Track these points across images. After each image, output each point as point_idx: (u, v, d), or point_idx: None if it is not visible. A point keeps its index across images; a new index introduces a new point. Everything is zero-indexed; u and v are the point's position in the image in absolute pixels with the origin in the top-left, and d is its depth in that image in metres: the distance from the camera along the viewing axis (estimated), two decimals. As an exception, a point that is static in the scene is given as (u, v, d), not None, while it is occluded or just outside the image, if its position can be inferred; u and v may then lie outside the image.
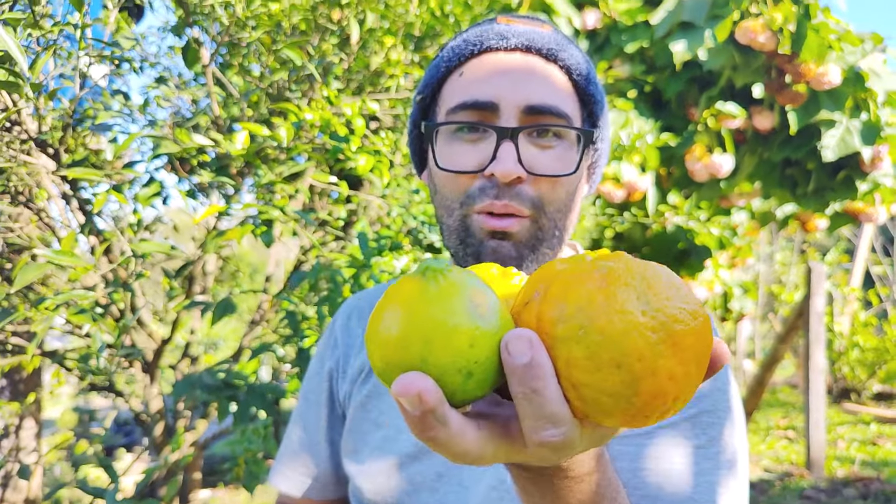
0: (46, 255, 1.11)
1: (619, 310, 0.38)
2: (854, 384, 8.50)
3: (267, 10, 1.33)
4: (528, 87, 0.75)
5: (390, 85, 1.78)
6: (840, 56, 3.95)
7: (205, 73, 1.45)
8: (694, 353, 0.39)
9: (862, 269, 9.42)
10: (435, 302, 0.38)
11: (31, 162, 1.39)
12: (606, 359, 0.37)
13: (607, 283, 0.39)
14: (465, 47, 0.79)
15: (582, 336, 0.38)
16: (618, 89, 4.02)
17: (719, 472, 0.73)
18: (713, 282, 5.54)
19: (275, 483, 0.97)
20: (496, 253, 0.75)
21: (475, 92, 0.76)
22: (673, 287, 0.39)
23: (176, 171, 1.58)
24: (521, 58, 0.77)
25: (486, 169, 0.74)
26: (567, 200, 0.79)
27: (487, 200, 0.75)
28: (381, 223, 1.97)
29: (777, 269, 14.14)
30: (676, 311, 0.38)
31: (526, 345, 0.38)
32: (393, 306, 0.40)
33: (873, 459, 5.72)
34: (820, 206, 4.74)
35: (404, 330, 0.39)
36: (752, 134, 4.54)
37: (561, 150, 0.77)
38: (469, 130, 0.77)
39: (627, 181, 3.57)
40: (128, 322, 1.26)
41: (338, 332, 0.97)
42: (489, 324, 0.39)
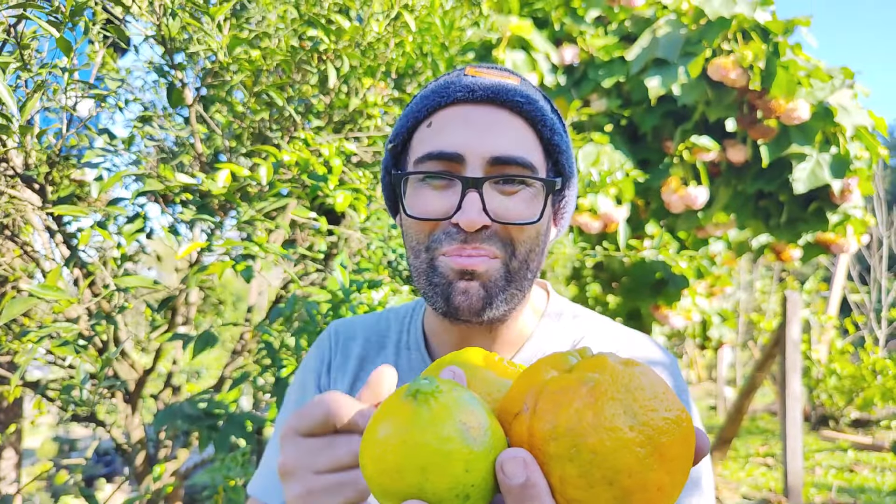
0: (32, 289, 1.15)
1: (608, 427, 0.40)
2: (832, 411, 8.60)
3: (248, 56, 1.39)
4: (493, 139, 0.78)
5: (368, 125, 1.85)
6: (810, 92, 4.08)
7: (189, 112, 1.51)
8: (680, 461, 0.42)
9: (839, 297, 9.57)
10: (428, 428, 0.40)
11: (17, 197, 1.43)
12: (598, 476, 0.40)
13: (595, 398, 0.41)
14: (432, 98, 0.82)
15: (574, 454, 0.40)
16: (595, 123, 4.12)
17: (686, 492, 0.78)
18: (690, 310, 5.62)
19: (254, 492, 0.96)
20: (466, 295, 0.77)
21: (441, 143, 0.79)
22: (657, 397, 0.42)
23: (161, 207, 1.63)
24: (486, 110, 0.80)
25: (453, 217, 0.77)
26: (536, 242, 0.82)
27: (455, 245, 0.77)
28: (360, 255, 2.02)
29: (757, 298, 14.31)
30: (662, 423, 0.41)
31: (521, 466, 0.41)
32: (387, 433, 0.42)
33: (850, 486, 5.78)
34: (792, 236, 4.86)
35: (400, 458, 0.40)
36: (726, 166, 4.66)
37: (527, 195, 0.80)
38: (436, 177, 0.79)
39: (604, 213, 3.66)
40: (111, 355, 1.29)
41: (334, 350, 0.99)
42: (482, 445, 0.41)
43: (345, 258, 1.65)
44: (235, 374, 1.96)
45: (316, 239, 2.21)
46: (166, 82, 1.59)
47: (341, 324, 1.04)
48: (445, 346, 0.91)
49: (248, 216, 1.29)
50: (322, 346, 1.02)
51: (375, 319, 1.03)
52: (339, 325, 1.04)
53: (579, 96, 4.16)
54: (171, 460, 2.13)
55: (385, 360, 0.96)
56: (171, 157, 1.60)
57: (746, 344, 12.84)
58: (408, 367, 0.93)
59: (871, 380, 8.04)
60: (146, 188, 1.27)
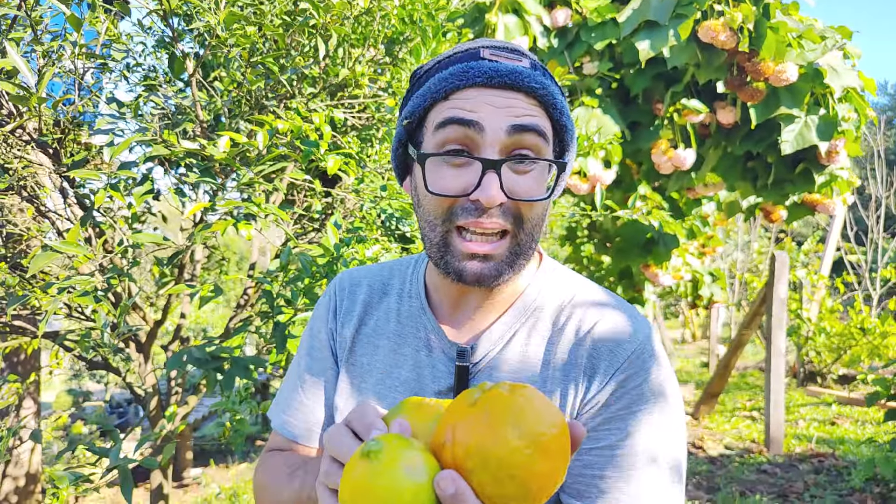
0: (55, 244, 1.28)
1: (503, 440, 0.57)
2: (820, 368, 8.82)
3: (244, 31, 1.50)
4: (510, 113, 0.86)
5: (358, 93, 1.96)
6: (800, 53, 4.12)
7: (190, 82, 1.62)
8: (558, 453, 0.59)
9: (831, 257, 9.71)
10: (382, 474, 0.58)
11: (33, 161, 1.55)
12: (503, 475, 0.57)
13: (491, 423, 0.58)
14: (451, 81, 0.88)
15: (484, 465, 0.57)
16: (586, 86, 4.20)
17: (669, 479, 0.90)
18: (680, 269, 5.77)
19: (279, 428, 1.08)
20: (477, 275, 0.87)
21: (461, 112, 0.86)
22: (536, 411, 0.59)
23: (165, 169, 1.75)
24: (504, 93, 0.87)
25: (472, 194, 0.85)
26: (541, 217, 0.91)
27: (471, 219, 0.85)
28: (354, 216, 2.15)
29: (754, 258, 14.43)
30: (540, 429, 0.58)
31: (450, 481, 0.57)
32: (353, 481, 0.59)
33: (830, 437, 6.00)
34: (780, 197, 4.96)
35: (366, 499, 0.58)
36: (715, 128, 4.74)
37: (536, 173, 0.88)
38: (455, 155, 0.86)
39: (592, 175, 3.77)
40: (128, 302, 1.43)
41: (339, 296, 1.10)
42: (422, 475, 0.59)
43: (339, 218, 1.78)
44: (236, 325, 2.11)
45: (313, 200, 2.33)
46: (168, 53, 1.69)
47: (348, 274, 1.15)
48: (444, 298, 1.01)
49: (248, 179, 1.41)
50: (330, 294, 1.13)
51: (379, 269, 1.14)
52: (345, 275, 1.15)
53: (571, 59, 4.22)
54: (182, 405, 2.30)
55: (387, 306, 1.07)
56: (175, 124, 1.72)
57: (741, 303, 13.02)
58: (408, 313, 1.04)
59: (860, 338, 8.24)
60: (153, 153, 1.39)
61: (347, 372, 1.05)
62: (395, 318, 1.06)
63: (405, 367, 1.01)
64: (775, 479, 4.93)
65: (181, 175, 2.09)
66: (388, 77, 2.10)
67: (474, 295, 0.98)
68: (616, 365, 0.91)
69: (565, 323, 0.97)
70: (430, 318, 1.01)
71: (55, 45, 1.38)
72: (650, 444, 0.89)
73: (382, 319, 1.07)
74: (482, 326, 0.99)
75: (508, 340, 0.97)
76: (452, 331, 1.00)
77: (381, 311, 1.08)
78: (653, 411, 0.90)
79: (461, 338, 0.99)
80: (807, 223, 20.03)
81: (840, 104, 4.39)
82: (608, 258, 5.93)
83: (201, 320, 9.08)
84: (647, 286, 6.07)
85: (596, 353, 0.92)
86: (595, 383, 0.91)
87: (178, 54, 1.56)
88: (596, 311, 0.98)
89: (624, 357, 0.91)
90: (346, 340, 1.07)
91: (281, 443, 1.10)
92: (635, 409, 0.89)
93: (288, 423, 1.08)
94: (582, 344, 0.94)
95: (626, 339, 0.93)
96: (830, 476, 4.93)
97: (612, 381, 0.90)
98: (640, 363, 0.92)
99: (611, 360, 0.91)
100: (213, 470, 6.25)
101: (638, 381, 0.91)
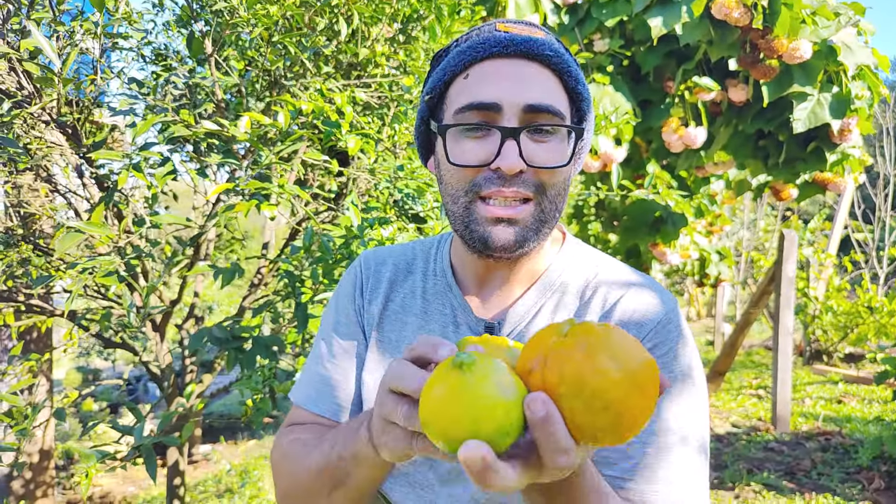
0: (79, 225, 1.29)
1: (601, 371, 0.56)
2: (826, 346, 8.83)
3: (266, 10, 1.49)
4: (526, 89, 0.88)
5: (376, 73, 1.95)
6: (814, 30, 4.08)
7: (208, 61, 1.62)
8: (651, 391, 0.58)
9: (839, 235, 9.68)
10: (475, 388, 0.57)
11: (54, 142, 1.55)
12: (597, 405, 0.56)
13: (588, 353, 0.57)
14: (469, 53, 0.91)
15: (578, 392, 0.56)
16: (597, 63, 4.16)
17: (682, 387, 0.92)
18: (688, 248, 5.76)
19: (299, 401, 1.09)
20: (503, 240, 0.88)
21: (480, 94, 0.88)
22: (632, 349, 0.59)
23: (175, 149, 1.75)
24: (519, 63, 0.90)
25: (493, 163, 0.87)
26: (564, 185, 0.93)
27: (494, 188, 0.87)
28: (368, 195, 2.15)
29: (760, 236, 14.39)
30: (636, 366, 0.57)
31: (541, 404, 0.56)
32: (443, 394, 0.58)
33: (837, 416, 6.03)
34: (791, 176, 4.93)
35: (457, 412, 0.57)
36: (727, 106, 4.71)
37: (555, 143, 0.89)
38: (475, 129, 0.88)
39: (603, 153, 3.75)
40: (154, 282, 1.44)
41: (365, 274, 1.11)
42: (513, 396, 0.58)
43: (355, 197, 1.79)
44: (255, 305, 2.12)
45: (326, 179, 2.33)
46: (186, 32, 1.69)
47: (372, 253, 1.17)
48: (470, 274, 1.02)
49: (269, 160, 1.41)
50: (355, 272, 1.14)
51: (402, 249, 1.16)
52: (370, 254, 1.17)
53: (582, 36, 4.18)
54: (198, 384, 2.32)
55: (412, 285, 1.08)
56: (195, 105, 1.72)
57: (746, 282, 13.02)
58: (434, 291, 1.06)
59: (867, 316, 8.23)
60: (174, 133, 1.39)
61: (375, 347, 1.07)
62: (421, 296, 1.07)
63: None
64: (782, 456, 4.96)
65: (195, 154, 2.09)
66: (403, 55, 2.09)
67: (499, 271, 1.00)
68: (643, 334, 0.94)
69: (591, 297, 0.99)
70: (457, 295, 1.02)
71: (76, 26, 1.37)
72: (681, 422, 0.90)
73: (409, 297, 1.08)
74: (508, 302, 1.01)
75: (535, 315, 0.99)
76: (478, 307, 1.02)
77: (406, 289, 1.09)
78: (682, 391, 0.92)
79: (487, 314, 1.01)
80: (813, 201, 19.94)
81: (853, 82, 4.35)
82: (615, 236, 5.92)
83: (207, 298, 9.13)
84: (654, 264, 6.08)
85: (623, 325, 0.94)
86: None
87: (198, 34, 1.55)
88: (622, 285, 1.00)
89: (650, 327, 0.94)
90: (373, 317, 1.08)
91: (303, 417, 1.10)
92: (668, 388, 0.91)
93: (316, 400, 1.08)
94: (609, 317, 0.96)
95: (652, 311, 0.96)
96: (837, 454, 4.96)
97: None
98: (667, 333, 0.94)
99: (638, 331, 0.94)
100: (222, 446, 6.33)
101: (664, 350, 0.93)
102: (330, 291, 1.64)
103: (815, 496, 4.13)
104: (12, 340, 3.94)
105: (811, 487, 4.32)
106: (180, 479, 2.68)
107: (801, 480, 4.46)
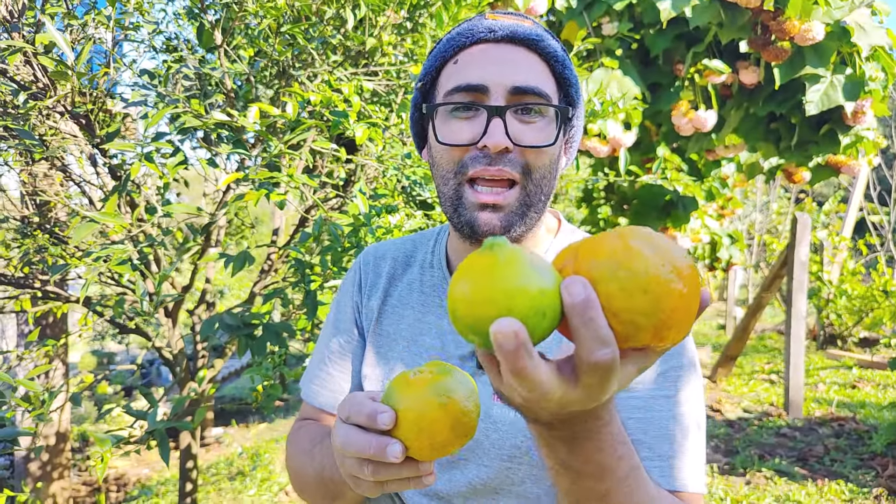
0: (94, 215, 1.32)
1: (637, 253, 0.52)
2: (840, 331, 8.79)
3: (274, 3, 1.51)
4: (512, 72, 0.90)
5: (383, 62, 1.96)
6: (826, 11, 4.03)
7: (217, 52, 1.64)
8: (692, 286, 0.53)
9: (854, 218, 9.59)
10: (508, 266, 0.52)
11: (68, 133, 1.58)
12: (635, 288, 0.51)
13: (622, 238, 0.53)
14: (458, 39, 0.94)
15: (614, 275, 0.51)
16: (605, 47, 4.14)
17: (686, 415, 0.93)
18: (699, 232, 5.74)
19: (307, 398, 1.14)
20: (488, 224, 0.90)
21: (468, 76, 0.91)
22: (669, 243, 0.55)
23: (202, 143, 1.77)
24: (506, 47, 0.92)
25: (479, 142, 0.89)
26: (550, 168, 0.94)
27: (480, 167, 0.89)
28: (376, 182, 2.17)
29: (773, 219, 14.29)
30: (676, 256, 0.53)
31: (580, 286, 0.51)
32: (473, 275, 0.53)
33: (851, 401, 6.01)
34: (803, 158, 4.90)
35: (489, 290, 0.51)
36: (738, 88, 4.67)
37: (542, 124, 0.91)
38: (463, 109, 0.91)
39: (612, 137, 3.74)
40: (167, 271, 1.48)
41: (364, 270, 1.15)
42: (550, 277, 0.53)
43: (363, 185, 1.81)
44: (266, 291, 2.15)
45: (335, 167, 2.35)
46: (196, 23, 1.71)
47: (373, 248, 1.20)
48: None
49: (279, 150, 1.44)
50: (356, 269, 1.17)
51: (402, 242, 1.18)
52: (370, 250, 1.20)
53: (591, 19, 4.16)
54: (210, 368, 2.36)
55: (410, 278, 1.11)
56: (205, 95, 1.74)
57: (759, 265, 12.95)
58: (430, 283, 1.08)
59: (882, 300, 8.18)
60: (186, 124, 1.42)
61: (374, 341, 1.10)
62: (419, 289, 1.10)
63: (429, 335, 1.05)
64: (795, 442, 4.97)
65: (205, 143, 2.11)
66: (410, 43, 2.09)
67: None
68: None
69: None
70: None
71: (89, 19, 1.39)
72: (692, 407, 0.94)
73: (406, 290, 1.11)
74: None
75: None
76: None
77: (404, 283, 1.12)
78: (690, 379, 0.95)
79: None
80: (828, 183, 19.73)
81: (867, 63, 4.30)
82: (625, 220, 5.91)
83: (218, 282, 9.22)
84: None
85: None
86: None
87: (207, 25, 1.57)
88: None
89: None
90: (372, 311, 1.11)
91: (310, 412, 1.15)
92: (679, 374, 0.94)
93: (316, 393, 1.13)
94: None
95: None
96: (851, 440, 4.96)
97: None
98: None
99: None
100: (234, 430, 6.41)
101: None
102: (338, 279, 1.67)
103: (828, 482, 4.13)
104: (29, 325, 4.01)
105: (824, 474, 4.32)
106: (193, 462, 2.74)
107: (813, 467, 4.46)
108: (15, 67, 1.53)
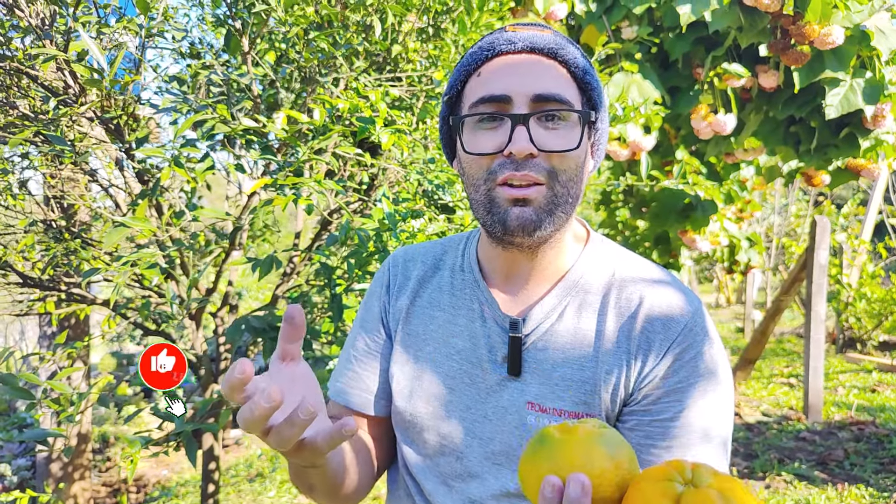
0: (124, 220, 1.35)
1: None
2: (860, 334, 8.70)
3: (303, 12, 1.53)
4: (534, 80, 0.93)
5: (408, 69, 1.98)
6: (846, 15, 4.01)
7: (245, 59, 1.66)
8: None
9: (873, 221, 9.49)
10: None
11: (98, 139, 1.61)
12: None
13: None
14: (480, 53, 0.98)
15: None
16: (625, 51, 4.14)
17: None
18: (718, 235, 5.71)
19: (334, 396, 1.15)
20: (519, 218, 0.92)
21: (491, 88, 0.94)
22: None
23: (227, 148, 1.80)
24: (527, 57, 0.95)
25: (505, 149, 0.91)
26: (576, 171, 0.96)
27: (507, 173, 0.91)
28: (399, 186, 2.19)
29: (791, 222, 14.16)
30: None
31: None
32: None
33: (871, 405, 5.95)
34: (823, 162, 4.86)
35: None
36: (757, 92, 4.65)
37: (565, 129, 0.93)
38: (488, 120, 0.94)
39: (632, 141, 3.74)
40: (197, 276, 1.50)
41: (393, 272, 1.17)
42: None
43: (386, 189, 1.82)
44: (290, 294, 2.18)
45: (357, 170, 2.37)
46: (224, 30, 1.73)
47: (402, 251, 1.22)
48: (496, 270, 1.06)
49: (307, 156, 1.46)
50: (385, 270, 1.19)
51: (432, 245, 1.20)
52: (400, 252, 1.22)
53: (610, 24, 4.16)
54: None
55: (440, 280, 1.13)
56: (230, 100, 1.77)
57: (777, 268, 12.84)
58: (461, 286, 1.09)
59: (902, 303, 8.10)
60: (215, 130, 1.44)
61: (403, 342, 1.11)
62: (449, 291, 1.11)
63: (461, 337, 1.06)
64: (814, 446, 4.93)
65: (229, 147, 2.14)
66: (433, 49, 2.11)
67: (523, 264, 1.03)
68: (671, 338, 0.95)
69: (615, 298, 1.01)
70: (484, 290, 1.06)
71: (120, 27, 1.42)
72: (705, 420, 0.93)
73: (436, 292, 1.12)
74: (533, 299, 1.03)
75: (560, 314, 1.01)
76: (505, 303, 1.05)
77: (434, 285, 1.13)
78: (706, 389, 0.94)
79: (513, 310, 1.04)
80: (847, 186, 19.52)
81: (887, 67, 4.27)
82: (644, 223, 5.89)
83: (237, 284, 9.29)
84: (683, 251, 6.03)
85: (650, 327, 0.96)
86: (651, 357, 0.95)
87: (235, 33, 1.60)
88: (645, 285, 1.02)
89: (678, 330, 0.95)
90: (400, 311, 1.13)
91: (337, 411, 1.17)
92: (693, 382, 0.93)
93: (345, 392, 1.14)
94: (634, 318, 0.97)
95: (678, 313, 0.97)
96: (871, 444, 4.91)
97: (668, 355, 0.94)
98: (694, 336, 0.96)
99: (665, 334, 0.95)
100: (254, 431, 6.44)
101: (693, 354, 0.94)
102: (363, 282, 1.69)
103: (848, 487, 4.10)
104: (52, 327, 4.06)
105: (844, 478, 4.28)
106: (215, 463, 2.76)
107: (833, 471, 4.42)
108: (48, 74, 1.56)
